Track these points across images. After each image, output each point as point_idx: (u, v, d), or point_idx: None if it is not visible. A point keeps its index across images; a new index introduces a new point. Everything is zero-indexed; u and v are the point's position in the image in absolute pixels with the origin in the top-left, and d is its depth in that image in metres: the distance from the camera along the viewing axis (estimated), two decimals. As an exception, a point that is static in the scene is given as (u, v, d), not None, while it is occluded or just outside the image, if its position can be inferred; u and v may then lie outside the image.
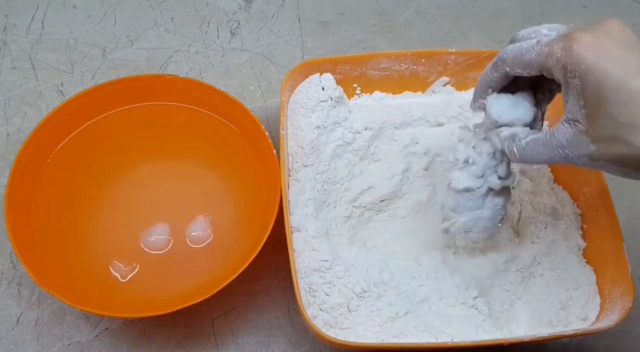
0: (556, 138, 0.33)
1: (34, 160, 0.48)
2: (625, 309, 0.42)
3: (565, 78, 0.32)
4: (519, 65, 0.35)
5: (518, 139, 0.36)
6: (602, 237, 0.47)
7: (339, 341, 0.40)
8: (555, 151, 0.34)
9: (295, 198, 0.48)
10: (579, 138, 0.32)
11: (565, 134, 0.33)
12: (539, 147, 0.35)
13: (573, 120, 0.33)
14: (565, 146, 0.33)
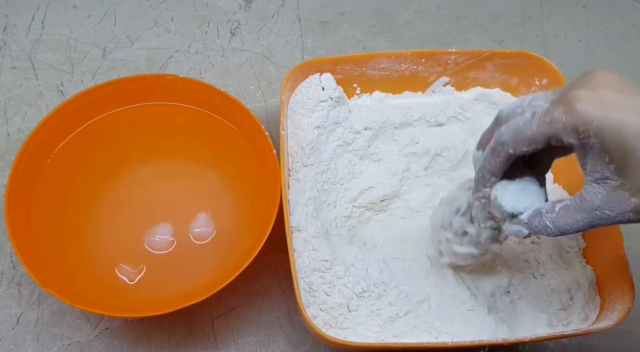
0: (588, 201, 0.32)
1: (34, 160, 0.48)
2: (625, 309, 0.42)
3: (579, 140, 0.31)
4: (523, 143, 0.33)
5: (546, 212, 0.34)
6: (603, 237, 0.47)
7: (339, 341, 0.40)
8: (593, 214, 0.32)
9: (295, 198, 0.48)
10: (615, 195, 0.31)
11: (597, 194, 0.32)
12: (573, 214, 0.33)
13: (601, 178, 0.31)
14: (602, 207, 0.32)
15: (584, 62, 0.66)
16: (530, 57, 0.54)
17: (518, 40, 0.67)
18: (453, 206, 0.42)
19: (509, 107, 0.35)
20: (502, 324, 0.45)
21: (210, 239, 0.49)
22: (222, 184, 0.52)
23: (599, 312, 0.45)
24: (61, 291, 0.42)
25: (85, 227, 0.49)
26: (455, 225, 0.42)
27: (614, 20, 0.69)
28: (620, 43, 0.67)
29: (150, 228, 0.49)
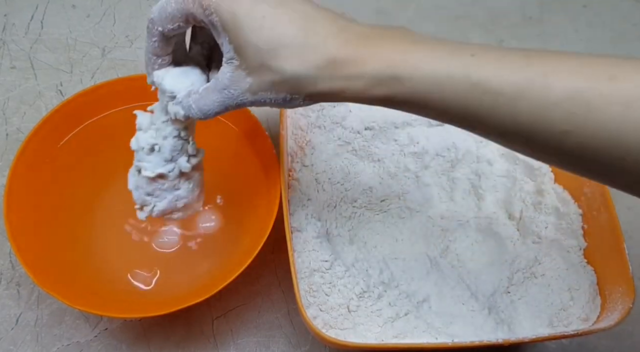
0: (221, 80, 0.33)
1: (33, 160, 0.48)
2: (626, 309, 0.42)
3: (207, 18, 0.32)
4: (167, 20, 0.34)
5: (193, 93, 0.35)
6: (603, 237, 0.47)
7: (339, 342, 0.40)
8: (222, 93, 0.33)
9: (295, 198, 0.48)
10: (237, 74, 0.32)
11: (226, 73, 0.33)
12: (210, 94, 0.34)
13: (229, 58, 0.32)
14: (229, 86, 0.33)
15: (584, 62, 0.66)
16: (530, 56, 0.54)
17: (518, 40, 0.67)
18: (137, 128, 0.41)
19: None
20: (502, 324, 0.45)
21: (210, 239, 0.49)
22: (221, 184, 0.52)
23: (600, 313, 0.45)
24: (60, 291, 0.42)
25: (85, 227, 0.49)
26: (141, 143, 0.40)
27: (615, 20, 0.69)
28: (620, 43, 0.67)
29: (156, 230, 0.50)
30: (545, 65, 0.28)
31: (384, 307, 0.44)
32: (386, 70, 0.30)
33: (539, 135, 0.29)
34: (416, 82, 0.30)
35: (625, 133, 0.26)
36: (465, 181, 0.52)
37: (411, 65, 0.30)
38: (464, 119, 0.30)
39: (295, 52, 0.31)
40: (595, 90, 0.27)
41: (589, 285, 0.47)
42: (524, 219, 0.51)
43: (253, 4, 0.31)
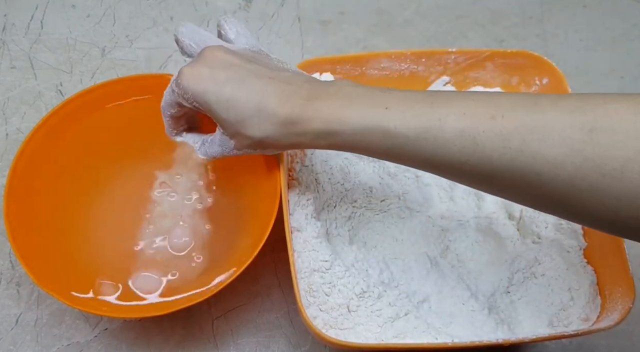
0: (216, 138, 0.43)
1: (33, 160, 0.48)
2: (626, 308, 0.42)
3: (191, 105, 0.41)
4: (169, 107, 0.44)
5: (202, 144, 0.46)
6: (603, 237, 0.47)
7: (339, 342, 0.40)
8: (219, 148, 0.43)
9: (295, 198, 0.48)
10: (223, 138, 0.42)
11: (217, 136, 0.43)
12: (213, 146, 0.44)
13: (218, 126, 0.42)
14: (221, 144, 0.43)
15: (584, 62, 0.66)
16: (530, 56, 0.54)
17: (518, 40, 0.67)
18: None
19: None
20: (502, 324, 0.45)
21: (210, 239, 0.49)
22: (221, 184, 0.52)
23: (600, 313, 0.45)
24: (60, 292, 0.42)
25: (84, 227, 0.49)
26: None
27: (615, 19, 0.69)
28: (620, 43, 0.67)
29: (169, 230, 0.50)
30: (442, 110, 0.34)
31: (384, 307, 0.44)
32: (324, 128, 0.37)
33: (444, 166, 0.35)
34: (346, 135, 0.37)
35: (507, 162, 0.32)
36: (465, 181, 0.52)
37: (341, 122, 0.37)
38: (388, 158, 0.38)
39: (255, 122, 0.39)
40: (479, 128, 0.33)
41: (589, 285, 0.47)
42: (524, 219, 0.51)
43: (219, 90, 0.39)
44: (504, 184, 0.34)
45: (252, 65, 0.41)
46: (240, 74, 0.40)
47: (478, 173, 0.34)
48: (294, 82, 0.40)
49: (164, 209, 0.50)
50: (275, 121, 0.38)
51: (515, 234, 0.50)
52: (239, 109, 0.39)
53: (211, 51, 0.41)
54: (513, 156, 0.32)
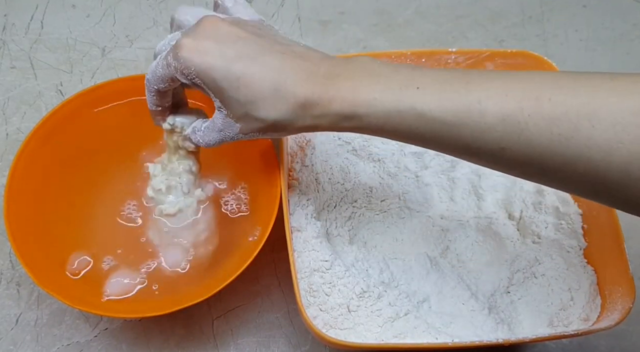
0: (216, 123, 0.39)
1: (33, 160, 0.48)
2: (626, 308, 0.42)
3: (190, 81, 0.37)
4: (159, 81, 0.39)
5: (197, 131, 0.41)
6: (603, 237, 0.47)
7: (339, 342, 0.40)
8: (220, 134, 0.39)
9: (295, 198, 0.48)
10: (227, 121, 0.38)
11: (219, 119, 0.38)
12: (211, 133, 0.40)
13: (218, 107, 0.38)
14: (223, 129, 0.39)
15: (584, 62, 0.66)
16: (530, 56, 0.54)
17: (518, 40, 0.67)
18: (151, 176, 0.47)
19: (162, 43, 0.40)
20: (502, 324, 0.45)
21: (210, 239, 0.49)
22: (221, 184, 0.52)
23: (600, 312, 0.45)
24: (60, 291, 0.42)
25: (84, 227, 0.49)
26: (155, 186, 0.46)
27: (615, 19, 0.69)
28: (620, 42, 0.67)
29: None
30: (481, 91, 0.32)
31: (384, 307, 0.44)
32: (346, 110, 0.35)
33: (482, 153, 0.33)
34: (372, 117, 0.34)
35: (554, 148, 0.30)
36: (465, 181, 0.52)
37: (366, 104, 0.34)
38: (417, 142, 0.35)
39: (270, 102, 0.35)
40: (524, 111, 0.30)
41: (589, 285, 0.47)
42: (524, 219, 0.51)
43: (228, 67, 0.35)
44: (549, 170, 0.31)
45: (261, 39, 0.37)
46: (251, 49, 0.36)
47: (521, 160, 0.32)
48: (309, 57, 0.36)
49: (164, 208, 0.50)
50: (293, 102, 0.35)
51: (515, 234, 0.50)
52: (252, 88, 0.35)
53: (212, 23, 0.37)
54: (562, 142, 0.30)
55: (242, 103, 0.36)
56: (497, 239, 0.50)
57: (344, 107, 0.35)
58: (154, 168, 0.47)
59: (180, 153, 0.45)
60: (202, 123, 0.41)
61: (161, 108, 0.42)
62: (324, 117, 0.35)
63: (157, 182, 0.46)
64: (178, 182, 0.46)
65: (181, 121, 0.43)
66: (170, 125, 0.43)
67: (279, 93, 0.35)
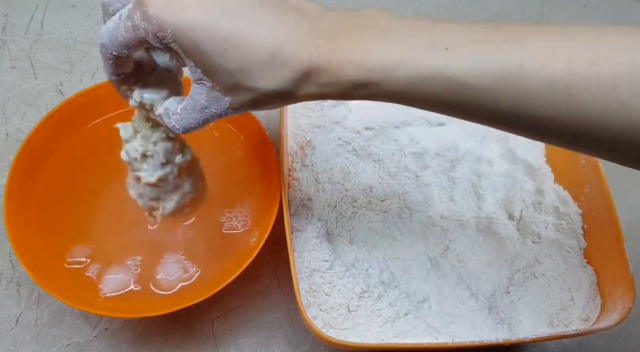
0: (198, 101, 0.32)
1: (33, 160, 0.48)
2: (626, 308, 0.42)
3: (165, 46, 0.30)
4: (121, 46, 0.31)
5: (172, 114, 0.34)
6: (603, 237, 0.47)
7: (339, 342, 0.40)
8: (203, 113, 0.32)
9: (295, 198, 0.48)
10: (213, 95, 0.31)
11: (202, 94, 0.32)
12: (190, 113, 0.33)
13: (199, 79, 0.31)
14: (208, 106, 0.32)
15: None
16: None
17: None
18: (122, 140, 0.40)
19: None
20: (502, 324, 0.45)
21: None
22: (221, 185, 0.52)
23: (600, 312, 0.45)
24: (60, 291, 0.42)
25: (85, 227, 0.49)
26: (131, 154, 0.39)
27: (615, 19, 0.69)
28: (620, 42, 0.67)
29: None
30: (522, 52, 0.27)
31: (384, 307, 0.44)
32: (358, 77, 0.29)
33: (521, 122, 0.29)
34: (391, 85, 0.29)
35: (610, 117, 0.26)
36: (465, 181, 0.52)
37: (383, 69, 0.29)
38: (444, 110, 0.30)
39: (266, 69, 0.30)
40: (575, 76, 0.26)
41: (589, 285, 0.47)
42: (524, 219, 0.51)
43: (212, 26, 0.29)
44: (602, 142, 0.27)
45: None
46: (240, 3, 0.29)
47: (568, 130, 0.28)
48: (308, 10, 0.31)
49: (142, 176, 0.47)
50: (293, 68, 0.29)
51: (515, 234, 0.50)
52: (243, 52, 0.29)
53: None
54: (619, 111, 0.26)
55: (232, 71, 0.30)
56: (497, 239, 0.50)
57: (355, 73, 0.29)
58: (125, 131, 0.39)
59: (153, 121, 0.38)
60: (177, 103, 0.34)
61: (123, 75, 0.35)
62: (332, 85, 0.30)
63: (131, 149, 0.39)
64: (154, 151, 0.39)
65: (150, 97, 0.36)
66: (137, 103, 0.36)
67: (276, 57, 0.29)
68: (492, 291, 0.47)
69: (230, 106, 0.32)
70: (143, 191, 0.41)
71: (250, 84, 0.30)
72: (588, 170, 0.49)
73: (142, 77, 0.36)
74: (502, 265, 0.48)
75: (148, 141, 0.39)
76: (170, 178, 0.40)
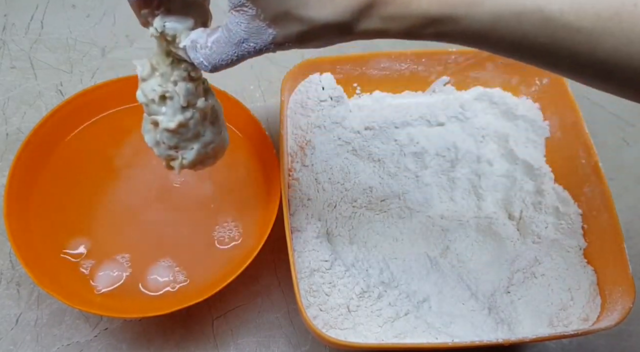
0: (235, 32, 0.28)
1: (33, 160, 0.48)
2: (626, 308, 0.42)
3: None
4: None
5: (200, 48, 0.30)
6: (603, 237, 0.47)
7: (339, 341, 0.40)
8: (240, 47, 0.28)
9: (295, 198, 0.48)
10: (255, 25, 0.27)
11: (240, 24, 0.28)
12: (223, 47, 0.29)
13: (239, 5, 0.27)
14: (246, 38, 0.28)
15: (584, 62, 0.66)
16: (530, 56, 0.54)
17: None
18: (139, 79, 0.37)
19: None
20: (502, 324, 0.45)
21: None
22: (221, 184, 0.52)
23: (600, 312, 0.45)
24: (60, 291, 0.42)
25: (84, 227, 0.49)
26: (148, 94, 0.36)
27: None
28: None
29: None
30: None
31: (384, 307, 0.44)
32: (437, 10, 0.26)
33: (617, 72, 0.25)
34: (474, 20, 0.25)
35: None
36: (465, 181, 0.52)
37: (468, 1, 0.25)
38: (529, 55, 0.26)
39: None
40: None
41: (589, 285, 0.47)
42: (524, 219, 0.51)
43: None
44: None
45: None
46: None
47: None
48: None
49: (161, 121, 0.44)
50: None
51: (515, 234, 0.50)
52: None
53: None
54: None
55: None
56: (497, 239, 0.50)
57: (432, 6, 0.25)
58: (142, 68, 0.36)
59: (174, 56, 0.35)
60: (207, 35, 0.30)
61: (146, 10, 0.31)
62: (399, 20, 0.26)
63: (148, 89, 0.36)
64: (174, 91, 0.35)
65: (173, 26, 0.32)
66: (157, 32, 0.32)
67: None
68: (492, 291, 0.47)
69: (273, 40, 0.28)
70: (160, 138, 0.37)
71: (304, 12, 0.26)
72: (588, 170, 0.49)
73: (166, 1, 0.32)
74: (502, 265, 0.48)
75: (167, 80, 0.35)
76: (191, 124, 0.37)
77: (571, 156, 0.51)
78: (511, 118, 0.55)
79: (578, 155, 0.50)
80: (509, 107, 0.56)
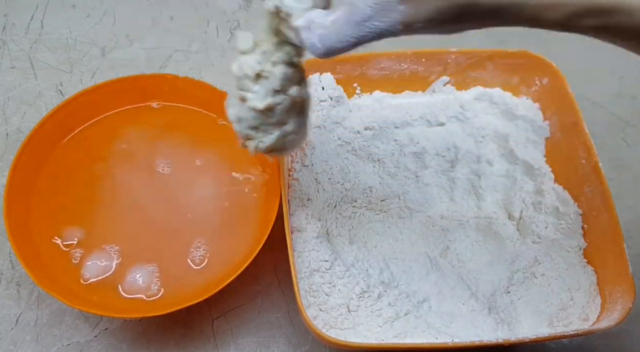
0: (358, 8, 0.25)
1: (33, 160, 0.48)
2: (626, 308, 0.42)
3: None
4: None
5: (318, 26, 0.27)
6: (603, 237, 0.47)
7: (339, 342, 0.40)
8: (361, 27, 0.26)
9: (295, 198, 0.48)
10: (385, 1, 0.25)
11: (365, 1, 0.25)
12: (343, 28, 0.26)
13: None
14: (372, 16, 0.26)
15: (584, 62, 0.66)
16: (531, 56, 0.54)
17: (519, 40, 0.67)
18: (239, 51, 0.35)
19: None
20: (502, 324, 0.45)
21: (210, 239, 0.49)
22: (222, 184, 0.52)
23: (600, 313, 0.45)
24: (60, 291, 0.42)
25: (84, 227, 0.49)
26: (245, 69, 0.35)
27: (615, 19, 0.69)
28: (620, 42, 0.67)
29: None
30: None
31: (384, 307, 0.44)
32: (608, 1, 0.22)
33: None
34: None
35: None
36: (465, 181, 0.52)
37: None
38: None
39: None
40: None
41: (589, 285, 0.47)
42: (524, 219, 0.51)
43: None
44: None
45: None
46: None
47: None
48: None
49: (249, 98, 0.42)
50: None
51: (515, 234, 0.50)
52: None
53: None
54: None
55: None
56: (497, 239, 0.50)
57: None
58: (245, 41, 0.34)
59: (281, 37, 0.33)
60: (326, 15, 0.27)
61: None
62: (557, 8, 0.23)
63: (246, 64, 0.34)
64: (271, 72, 0.34)
65: (291, 5, 0.30)
66: (273, 6, 0.31)
67: None
68: (492, 291, 0.47)
69: (402, 19, 0.25)
70: (244, 115, 0.37)
71: None
72: (588, 170, 0.49)
73: None
74: (502, 265, 0.48)
75: (267, 60, 0.34)
76: (278, 109, 0.35)
77: (571, 156, 0.51)
78: (511, 118, 0.55)
79: (578, 156, 0.50)
80: (509, 107, 0.56)
